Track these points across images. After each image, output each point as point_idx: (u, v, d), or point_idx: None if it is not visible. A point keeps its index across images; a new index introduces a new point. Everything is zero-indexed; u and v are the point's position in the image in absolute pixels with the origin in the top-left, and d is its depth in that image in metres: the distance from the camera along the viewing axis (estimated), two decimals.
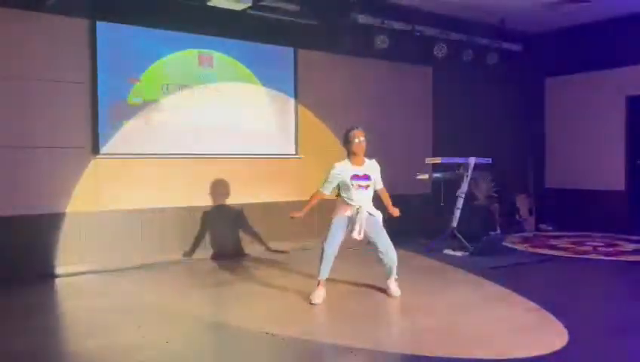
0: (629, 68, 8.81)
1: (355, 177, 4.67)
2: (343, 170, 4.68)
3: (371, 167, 4.79)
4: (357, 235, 4.66)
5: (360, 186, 4.68)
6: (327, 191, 4.75)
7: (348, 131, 4.74)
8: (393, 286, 4.92)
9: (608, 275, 6.04)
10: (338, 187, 4.76)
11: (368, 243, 4.87)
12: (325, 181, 4.72)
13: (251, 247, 7.07)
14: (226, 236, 6.95)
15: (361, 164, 4.73)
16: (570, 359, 3.48)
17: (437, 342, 3.77)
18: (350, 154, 4.73)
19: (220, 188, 6.88)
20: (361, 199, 4.69)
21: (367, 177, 4.72)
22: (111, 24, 6.12)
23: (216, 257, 6.73)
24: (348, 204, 4.70)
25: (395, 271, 4.92)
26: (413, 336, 3.93)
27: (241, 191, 7.03)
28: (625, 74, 8.91)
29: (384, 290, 4.96)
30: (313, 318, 4.35)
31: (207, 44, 6.79)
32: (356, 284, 5.26)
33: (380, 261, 4.88)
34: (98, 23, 6.04)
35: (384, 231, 4.86)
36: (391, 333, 4.06)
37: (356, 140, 4.67)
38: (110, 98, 6.16)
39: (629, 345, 3.74)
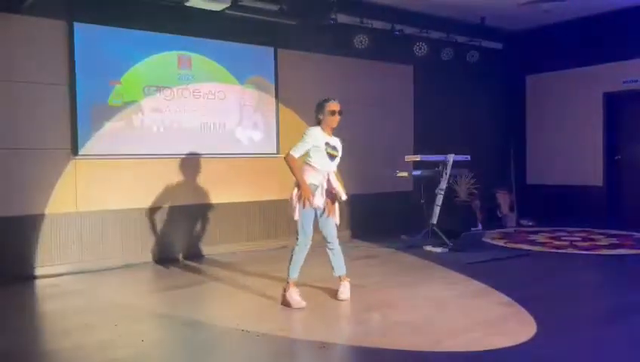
0: (606, 65, 8.97)
1: (328, 145, 4.56)
2: (319, 134, 4.56)
3: (338, 142, 4.70)
4: (319, 202, 4.55)
5: (331, 155, 4.58)
6: (298, 154, 4.51)
7: (325, 101, 4.61)
8: (341, 287, 4.75)
9: (583, 269, 6.13)
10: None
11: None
12: (299, 143, 4.52)
13: (227, 247, 7.10)
14: (202, 236, 6.98)
15: (331, 135, 4.66)
16: (536, 350, 3.56)
17: (410, 335, 3.84)
18: (323, 124, 4.60)
19: (200, 188, 6.91)
20: (330, 167, 4.61)
21: (335, 148, 4.63)
22: (89, 26, 6.13)
23: (192, 257, 6.76)
24: (316, 168, 4.54)
25: (343, 269, 4.77)
26: (386, 331, 4.00)
27: (222, 191, 7.07)
28: (603, 71, 9.06)
29: (357, 286, 4.94)
30: (287, 315, 4.40)
31: (187, 46, 6.82)
32: (329, 281, 5.29)
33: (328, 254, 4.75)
34: (76, 25, 6.05)
35: (331, 224, 4.70)
36: (364, 328, 4.12)
37: (335, 112, 4.59)
38: (90, 100, 6.16)
39: (595, 337, 3.84)
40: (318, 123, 4.64)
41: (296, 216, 4.52)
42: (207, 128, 6.98)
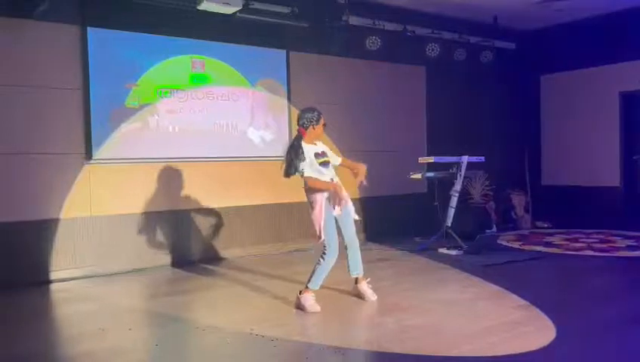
0: (622, 64, 8.83)
1: (317, 155, 4.53)
2: (309, 148, 4.48)
3: (322, 145, 4.66)
4: (337, 210, 4.51)
5: (324, 163, 4.53)
6: (310, 171, 4.45)
7: (318, 113, 4.56)
8: (366, 288, 4.80)
9: (601, 272, 6.03)
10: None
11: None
12: (302, 161, 4.42)
13: (241, 250, 7.09)
14: (216, 239, 6.96)
15: (315, 143, 4.60)
16: (555, 355, 3.50)
17: (425, 340, 3.80)
18: (308, 135, 4.53)
19: (213, 191, 6.90)
20: (330, 173, 4.56)
21: (324, 153, 4.60)
22: (103, 30, 6.17)
23: (206, 261, 6.75)
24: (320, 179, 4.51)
25: (361, 268, 4.80)
26: (401, 335, 3.94)
27: (235, 194, 7.06)
28: (618, 70, 8.92)
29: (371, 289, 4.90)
30: (301, 319, 4.38)
31: (200, 49, 6.84)
32: (343, 285, 5.24)
33: (346, 255, 4.73)
34: (89, 29, 6.08)
35: (352, 223, 4.72)
36: (379, 332, 4.07)
37: (325, 125, 4.60)
38: (107, 102, 6.20)
39: (616, 342, 3.76)
40: (306, 131, 4.51)
41: (322, 237, 4.47)
42: (220, 129, 6.99)
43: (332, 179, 4.56)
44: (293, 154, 4.47)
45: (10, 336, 4.11)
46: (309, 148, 4.51)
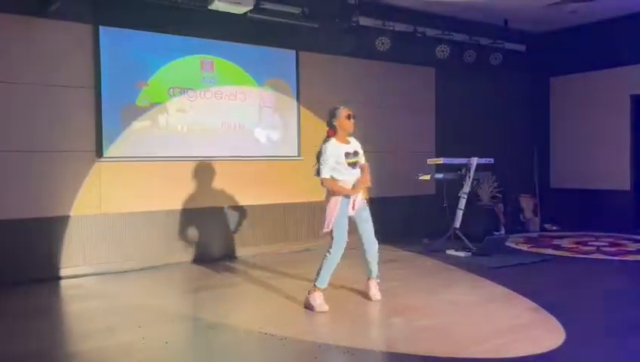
0: (634, 67, 8.78)
1: (348, 155, 4.53)
2: (335, 148, 4.51)
3: (356, 144, 4.67)
4: (350, 211, 4.56)
5: (351, 164, 4.54)
6: (328, 173, 4.48)
7: (337, 109, 4.58)
8: (373, 289, 4.84)
9: (611, 275, 6.01)
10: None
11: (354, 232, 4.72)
12: (322, 164, 4.47)
13: (249, 249, 7.10)
14: (226, 238, 6.98)
15: (348, 142, 4.62)
16: (564, 358, 3.49)
17: (434, 341, 3.79)
18: (338, 131, 4.56)
19: (222, 190, 6.92)
20: (355, 176, 4.59)
21: (356, 153, 4.60)
22: (115, 29, 6.20)
23: (215, 259, 6.77)
24: (343, 181, 4.53)
25: (376, 270, 4.83)
26: (410, 336, 3.95)
27: (244, 194, 7.07)
28: (629, 73, 8.87)
29: (379, 290, 4.90)
30: (310, 319, 4.38)
31: (209, 49, 6.86)
32: (353, 285, 5.25)
33: (362, 256, 4.77)
34: (101, 28, 6.12)
35: (371, 222, 4.75)
36: (388, 333, 4.08)
37: (350, 116, 4.57)
38: (119, 101, 6.24)
39: (626, 346, 3.73)
40: (332, 129, 4.58)
41: (327, 228, 4.50)
42: (228, 129, 7.01)
43: (354, 183, 4.57)
44: (317, 156, 4.55)
45: (20, 333, 4.13)
46: (337, 148, 4.50)
